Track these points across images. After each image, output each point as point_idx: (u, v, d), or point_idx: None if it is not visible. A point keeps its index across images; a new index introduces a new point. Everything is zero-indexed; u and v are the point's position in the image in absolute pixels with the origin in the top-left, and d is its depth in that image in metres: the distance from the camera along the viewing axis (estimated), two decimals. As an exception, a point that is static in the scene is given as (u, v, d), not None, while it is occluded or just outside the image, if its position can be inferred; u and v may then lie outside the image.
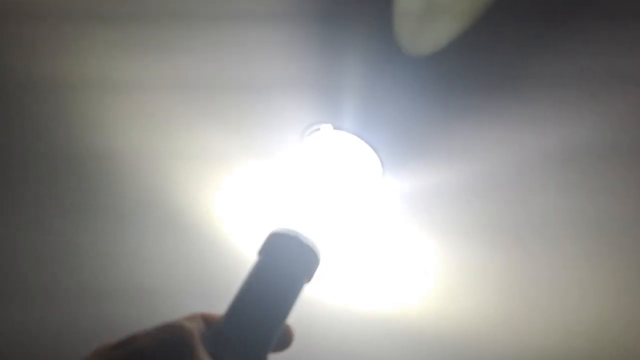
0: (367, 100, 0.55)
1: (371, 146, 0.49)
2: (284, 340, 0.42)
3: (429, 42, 0.56)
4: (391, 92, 0.56)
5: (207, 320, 0.40)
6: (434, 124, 0.57)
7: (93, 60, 0.60)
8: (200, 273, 0.55)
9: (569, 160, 0.56)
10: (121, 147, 0.58)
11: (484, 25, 0.55)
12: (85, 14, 0.59)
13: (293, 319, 0.42)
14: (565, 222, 0.55)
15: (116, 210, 0.57)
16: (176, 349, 0.33)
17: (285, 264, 0.42)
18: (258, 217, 0.54)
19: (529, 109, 0.58)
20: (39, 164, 0.58)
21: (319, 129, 0.49)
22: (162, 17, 0.59)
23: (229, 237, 0.56)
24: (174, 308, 0.41)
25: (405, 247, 0.55)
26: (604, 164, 0.56)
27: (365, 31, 0.56)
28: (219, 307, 0.42)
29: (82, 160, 0.58)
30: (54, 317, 0.53)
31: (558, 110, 0.58)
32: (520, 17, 0.55)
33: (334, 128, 0.49)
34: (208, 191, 0.57)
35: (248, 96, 0.58)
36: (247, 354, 0.38)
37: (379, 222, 0.55)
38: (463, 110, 0.57)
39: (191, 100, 0.58)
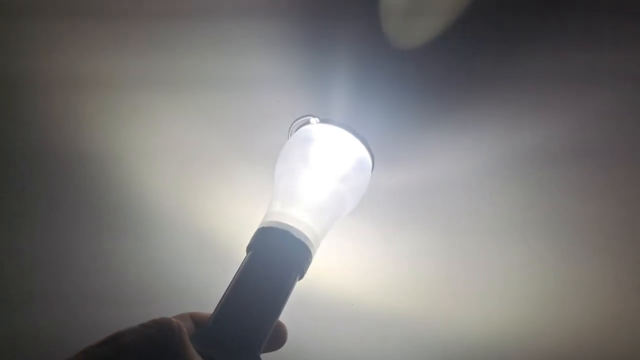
0: (357, 95, 0.55)
1: (361, 140, 0.48)
2: (277, 339, 0.41)
3: (417, 36, 0.56)
4: (382, 86, 0.55)
5: (196, 320, 0.39)
6: (426, 119, 0.56)
7: (84, 59, 0.59)
8: (194, 274, 0.53)
9: (572, 159, 0.56)
10: (111, 147, 0.57)
11: (480, 20, 0.55)
12: (77, 11, 0.59)
13: (286, 317, 0.40)
14: (568, 223, 0.55)
15: (109, 210, 0.55)
16: (164, 345, 0.31)
17: (275, 259, 0.40)
18: (252, 216, 0.53)
19: (532, 106, 0.58)
20: (33, 163, 0.57)
21: (306, 123, 0.48)
22: (153, 15, 0.59)
23: (223, 237, 0.55)
24: (171, 309, 0.39)
25: (395, 243, 0.54)
26: (609, 163, 0.56)
27: (355, 25, 0.56)
28: (206, 309, 0.40)
29: (75, 160, 0.57)
30: (50, 319, 0.52)
31: (561, 109, 0.58)
32: (517, 11, 0.55)
33: (322, 121, 0.48)
34: (200, 191, 0.56)
35: (238, 93, 0.57)
36: (237, 353, 0.36)
37: (369, 218, 0.54)
38: (455, 105, 0.57)
39: (182, 98, 0.58)
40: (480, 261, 0.55)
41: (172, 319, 0.32)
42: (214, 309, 0.39)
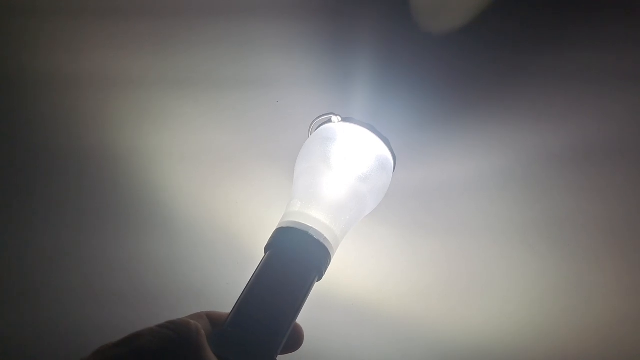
0: (379, 93, 0.54)
1: (383, 140, 0.47)
2: (294, 341, 0.40)
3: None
4: (403, 84, 0.55)
5: (212, 320, 0.38)
6: (449, 119, 0.55)
7: (93, 57, 0.59)
8: (211, 274, 0.53)
9: (576, 159, 0.56)
10: (122, 145, 0.57)
11: (504, 17, 0.54)
12: (88, 10, 0.58)
13: (302, 319, 0.40)
14: (571, 222, 0.54)
15: (116, 209, 0.55)
16: (182, 348, 0.31)
17: (294, 260, 0.40)
18: (270, 216, 0.52)
19: (538, 106, 0.57)
20: (40, 162, 0.57)
21: (328, 121, 0.47)
22: (166, 14, 0.58)
23: (233, 237, 0.54)
24: (176, 310, 0.38)
25: (409, 242, 0.54)
26: (612, 163, 0.56)
27: (376, 24, 0.55)
28: (222, 310, 0.39)
29: (83, 158, 0.57)
30: (53, 318, 0.52)
31: (566, 108, 0.57)
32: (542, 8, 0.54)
33: (343, 120, 0.47)
34: (213, 190, 0.56)
35: (254, 93, 0.56)
36: (254, 355, 0.36)
37: (389, 217, 0.53)
38: (474, 105, 0.56)
39: (195, 97, 0.57)
40: (495, 263, 0.54)
41: (190, 320, 0.32)
42: (230, 309, 0.39)
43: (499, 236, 0.54)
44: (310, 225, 0.41)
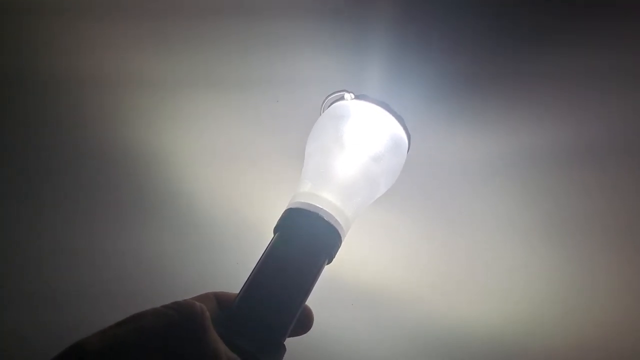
0: (393, 71, 0.52)
1: (397, 118, 0.45)
2: (303, 324, 0.39)
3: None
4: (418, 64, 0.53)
5: (221, 301, 0.37)
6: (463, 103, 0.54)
7: (117, 57, 0.58)
8: (219, 273, 0.52)
9: (577, 158, 0.54)
10: (146, 144, 0.57)
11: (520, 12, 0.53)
12: (112, 11, 0.58)
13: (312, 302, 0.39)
14: (572, 222, 0.54)
15: (139, 207, 0.56)
16: (185, 329, 0.30)
17: (304, 241, 0.38)
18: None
19: (539, 106, 0.55)
20: (65, 161, 0.57)
21: (340, 98, 0.45)
22: (191, 13, 0.58)
23: (232, 238, 0.54)
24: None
25: (408, 231, 0.53)
26: (614, 162, 0.55)
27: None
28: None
29: (109, 156, 0.57)
30: (56, 318, 0.52)
31: (569, 107, 0.55)
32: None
33: (356, 97, 0.45)
34: (235, 189, 0.55)
35: (275, 91, 0.56)
36: (262, 337, 0.35)
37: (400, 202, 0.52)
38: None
39: (219, 97, 0.56)
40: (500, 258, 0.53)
41: (195, 302, 0.31)
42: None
43: (505, 231, 0.54)
44: (321, 207, 0.39)
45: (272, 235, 0.40)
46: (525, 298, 0.53)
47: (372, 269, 0.53)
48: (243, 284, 0.37)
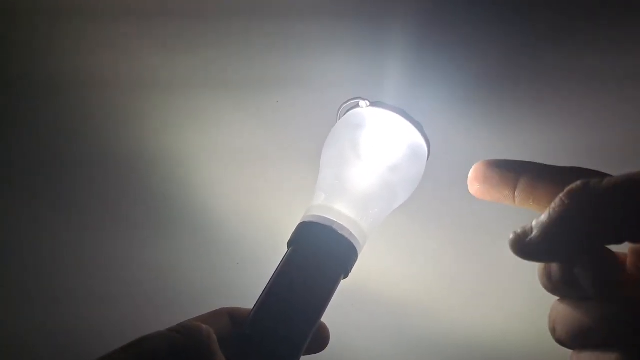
0: (411, 78, 0.50)
1: (416, 126, 0.43)
2: (318, 342, 0.38)
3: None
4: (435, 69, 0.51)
5: (234, 317, 0.36)
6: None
7: (122, 57, 0.58)
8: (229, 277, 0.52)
9: (578, 158, 0.50)
10: (151, 146, 0.56)
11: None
12: (135, 12, 0.58)
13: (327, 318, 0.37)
14: None
15: (139, 207, 0.55)
16: (191, 353, 0.29)
17: (318, 257, 0.37)
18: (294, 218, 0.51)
19: (562, 109, 0.53)
20: (66, 161, 0.57)
21: (356, 106, 0.44)
22: (196, 12, 0.57)
23: (261, 239, 0.53)
24: (197, 311, 0.37)
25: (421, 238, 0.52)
26: (616, 162, 0.50)
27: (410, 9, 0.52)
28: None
29: (109, 156, 0.56)
30: (58, 319, 0.52)
31: (594, 109, 0.52)
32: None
33: (372, 104, 0.43)
34: (242, 190, 0.54)
35: (284, 91, 0.54)
36: (275, 359, 0.34)
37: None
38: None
39: (225, 97, 0.56)
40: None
41: (201, 325, 0.30)
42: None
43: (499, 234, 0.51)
44: (335, 220, 0.38)
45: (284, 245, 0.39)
46: (527, 302, 0.52)
47: (390, 280, 0.52)
48: (256, 301, 0.36)
